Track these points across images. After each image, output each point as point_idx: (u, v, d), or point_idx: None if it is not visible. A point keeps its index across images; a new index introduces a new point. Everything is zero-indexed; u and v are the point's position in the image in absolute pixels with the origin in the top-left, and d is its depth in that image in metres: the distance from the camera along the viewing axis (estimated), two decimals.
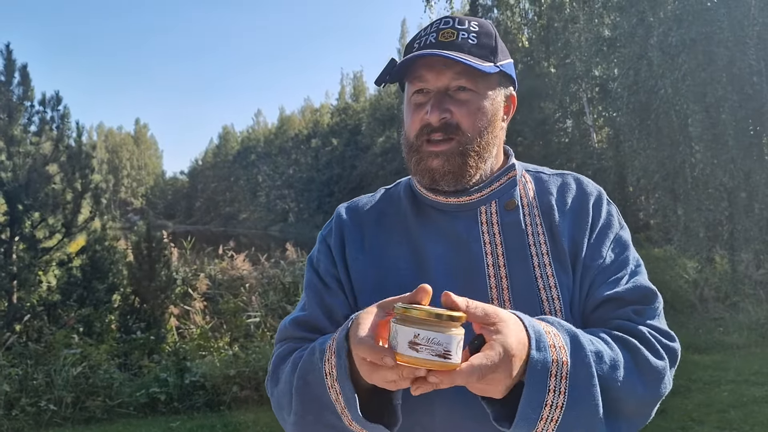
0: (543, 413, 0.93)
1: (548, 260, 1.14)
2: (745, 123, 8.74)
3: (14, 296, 7.38)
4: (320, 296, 1.21)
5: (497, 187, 1.20)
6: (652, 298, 1.15)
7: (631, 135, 10.18)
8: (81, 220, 8.13)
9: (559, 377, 0.94)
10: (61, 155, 8.15)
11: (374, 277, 1.16)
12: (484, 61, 1.12)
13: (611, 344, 1.05)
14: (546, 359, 0.93)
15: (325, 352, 1.02)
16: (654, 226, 13.77)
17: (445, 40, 1.12)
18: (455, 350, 0.84)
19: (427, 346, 0.83)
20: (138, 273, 8.04)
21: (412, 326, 0.84)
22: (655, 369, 1.06)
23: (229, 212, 68.25)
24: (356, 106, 50.48)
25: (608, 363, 1.01)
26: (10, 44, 7.94)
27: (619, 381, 1.01)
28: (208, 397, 5.97)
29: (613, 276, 1.14)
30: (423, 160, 1.15)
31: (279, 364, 1.17)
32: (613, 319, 1.11)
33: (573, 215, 1.18)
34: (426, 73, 1.12)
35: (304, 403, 1.05)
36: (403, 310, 0.85)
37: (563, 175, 1.26)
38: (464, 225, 1.17)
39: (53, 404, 5.57)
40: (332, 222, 1.28)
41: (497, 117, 1.18)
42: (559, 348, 0.96)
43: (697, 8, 8.50)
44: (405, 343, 0.84)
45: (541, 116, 20.38)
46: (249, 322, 7.97)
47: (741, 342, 7.61)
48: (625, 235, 1.21)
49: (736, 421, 4.93)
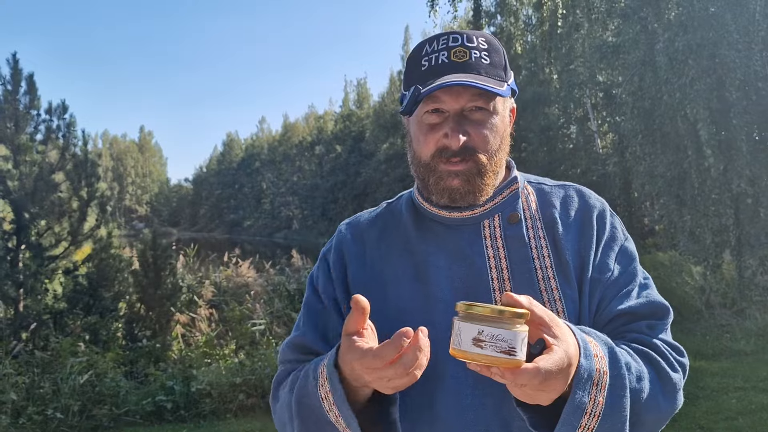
0: (582, 421, 0.94)
1: (552, 273, 1.14)
2: (750, 128, 8.73)
3: (21, 304, 7.40)
4: (315, 315, 1.23)
5: (500, 200, 1.20)
6: (664, 313, 1.16)
7: (635, 141, 10.17)
8: (87, 228, 8.16)
9: (600, 386, 0.96)
10: (67, 164, 8.19)
11: (376, 292, 1.15)
12: (499, 81, 1.13)
13: (636, 357, 1.06)
14: (591, 368, 0.95)
15: (319, 378, 1.04)
16: (659, 232, 13.73)
17: (458, 60, 1.12)
18: (520, 347, 0.83)
19: (492, 342, 0.82)
20: (144, 281, 8.06)
21: (475, 323, 0.84)
22: (672, 382, 1.08)
23: (233, 219, 68.37)
24: (360, 113, 50.55)
25: (635, 375, 1.02)
26: (16, 53, 8.01)
27: (644, 393, 1.03)
28: (214, 405, 5.96)
29: (623, 289, 1.15)
30: (442, 179, 1.15)
31: (277, 387, 1.20)
32: (627, 332, 1.12)
33: (577, 229, 1.19)
34: (442, 95, 1.12)
35: (306, 424, 1.08)
36: (466, 306, 0.85)
37: (565, 187, 1.26)
38: (467, 239, 1.18)
39: (60, 412, 5.57)
40: (333, 239, 1.29)
41: (507, 132, 1.20)
42: (600, 358, 0.98)
43: (701, 14, 8.50)
44: (469, 340, 0.83)
45: (546, 122, 20.38)
46: (254, 330, 7.97)
47: (749, 348, 7.56)
48: (631, 247, 1.22)
49: (744, 428, 4.90)
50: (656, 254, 12.32)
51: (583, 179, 19.60)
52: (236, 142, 78.93)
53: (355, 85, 56.51)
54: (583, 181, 19.91)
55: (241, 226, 65.30)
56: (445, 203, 1.17)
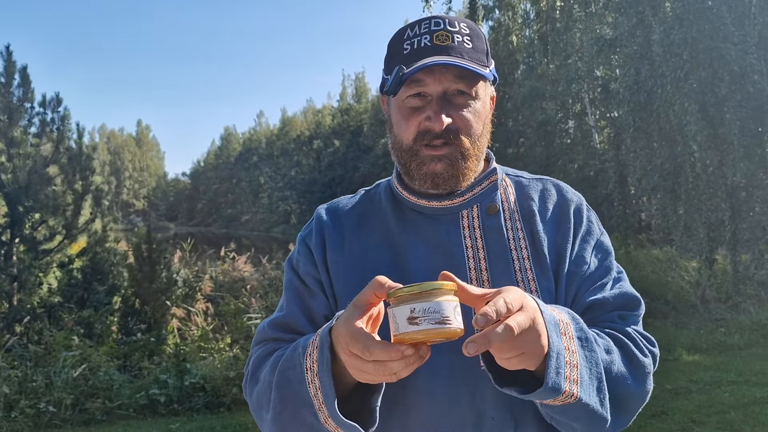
0: (565, 370, 0.93)
1: (529, 265, 1.15)
2: (746, 122, 8.73)
3: (15, 298, 7.39)
4: (300, 298, 1.21)
5: (479, 191, 1.20)
6: (636, 304, 1.18)
7: (629, 134, 10.18)
8: (82, 221, 8.14)
9: (568, 335, 0.96)
10: (62, 157, 8.16)
11: (354, 280, 1.14)
12: (481, 65, 1.13)
13: (603, 336, 1.08)
14: (554, 317, 0.95)
15: (308, 348, 1.02)
16: (655, 227, 13.74)
17: (441, 43, 1.11)
18: (453, 316, 0.85)
19: (425, 316, 0.84)
20: (138, 275, 8.04)
21: (406, 304, 0.85)
22: (642, 365, 1.09)
23: (231, 214, 68.33)
24: (358, 107, 50.48)
25: (603, 348, 1.04)
26: (10, 46, 7.97)
27: (614, 367, 1.04)
28: (207, 398, 5.96)
29: (598, 281, 1.16)
30: (425, 164, 1.14)
31: (259, 365, 1.16)
32: (600, 322, 1.13)
33: (554, 221, 1.20)
34: (425, 77, 1.11)
35: (283, 398, 1.05)
36: (394, 292, 0.87)
37: (543, 181, 1.27)
38: (446, 229, 1.18)
39: (53, 406, 5.57)
40: (312, 223, 1.28)
41: (488, 119, 1.20)
42: (558, 313, 0.99)
43: (697, 7, 8.49)
44: (404, 321, 0.85)
45: (543, 117, 20.33)
46: (249, 324, 7.97)
47: (742, 343, 7.59)
48: (606, 241, 1.23)
49: (736, 422, 4.91)
50: (651, 249, 12.34)
51: (581, 174, 19.55)
52: (234, 137, 78.83)
53: (353, 80, 56.55)
54: (580, 175, 19.86)
55: (238, 221, 65.25)
56: (428, 188, 1.17)
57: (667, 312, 9.26)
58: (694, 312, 9.11)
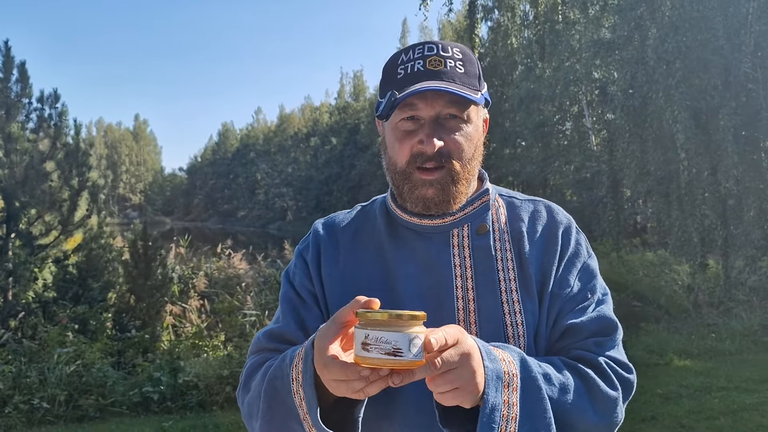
0: (500, 423, 0.96)
1: (515, 286, 1.17)
2: (739, 130, 8.77)
3: (9, 293, 7.39)
4: (295, 310, 1.24)
5: (470, 211, 1.22)
6: (612, 329, 1.18)
7: (623, 138, 10.22)
8: (78, 217, 8.15)
9: (511, 388, 0.99)
10: (59, 153, 8.17)
11: (346, 294, 1.17)
12: (473, 90, 1.15)
13: (562, 369, 1.09)
14: (499, 369, 0.98)
15: (294, 359, 1.06)
16: (650, 230, 13.80)
17: (433, 68, 1.14)
18: (407, 348, 0.86)
19: (376, 345, 0.86)
20: (134, 271, 8.05)
21: (364, 329, 0.88)
22: (607, 397, 1.10)
23: (227, 209, 68.22)
24: (356, 105, 50.43)
25: (557, 386, 1.06)
26: (8, 41, 7.97)
27: (569, 404, 1.05)
28: (200, 397, 5.98)
29: (579, 305, 1.18)
30: (417, 188, 1.17)
31: (251, 374, 1.20)
32: (574, 349, 1.15)
33: (542, 243, 1.21)
34: (418, 102, 1.14)
35: (271, 407, 1.09)
36: (360, 314, 0.89)
37: (535, 202, 1.29)
38: (436, 247, 1.20)
39: (46, 402, 5.58)
40: (309, 237, 1.32)
41: (480, 142, 1.22)
42: (508, 362, 1.01)
43: (693, 15, 8.52)
44: (359, 345, 0.88)
45: (541, 118, 20.37)
46: (244, 322, 7.99)
47: (733, 348, 7.63)
48: (593, 264, 1.24)
49: (725, 428, 4.95)
50: (645, 253, 12.39)
51: (577, 176, 19.61)
52: (231, 132, 78.69)
53: (351, 78, 56.47)
54: (577, 177, 19.94)
55: (234, 217, 65.16)
56: (419, 211, 1.19)
57: (659, 316, 9.31)
58: (687, 317, 9.15)
